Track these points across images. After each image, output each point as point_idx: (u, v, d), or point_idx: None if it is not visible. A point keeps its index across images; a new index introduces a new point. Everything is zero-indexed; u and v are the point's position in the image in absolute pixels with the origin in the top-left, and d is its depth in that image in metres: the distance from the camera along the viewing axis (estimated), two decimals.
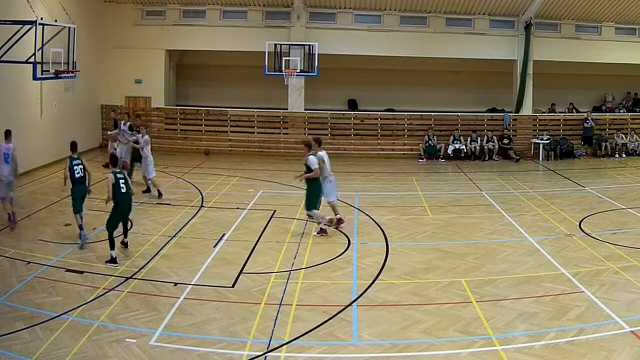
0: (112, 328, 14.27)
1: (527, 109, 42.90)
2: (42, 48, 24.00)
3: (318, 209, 22.69)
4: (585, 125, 42.18)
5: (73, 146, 21.67)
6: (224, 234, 22.12)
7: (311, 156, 22.26)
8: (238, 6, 41.81)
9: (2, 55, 23.91)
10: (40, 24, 23.81)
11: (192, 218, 24.35)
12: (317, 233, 22.41)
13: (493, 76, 44.12)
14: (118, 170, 19.83)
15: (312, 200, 22.60)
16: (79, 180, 21.32)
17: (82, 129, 39.48)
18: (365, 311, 15.80)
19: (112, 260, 19.09)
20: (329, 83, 42.72)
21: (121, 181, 19.55)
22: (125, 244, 19.96)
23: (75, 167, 21.19)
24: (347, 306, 15.96)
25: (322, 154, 23.19)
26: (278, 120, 42.42)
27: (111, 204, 19.47)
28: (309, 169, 22.42)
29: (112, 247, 19.25)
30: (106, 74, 41.81)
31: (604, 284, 17.38)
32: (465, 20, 42.32)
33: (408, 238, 22.41)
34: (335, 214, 23.51)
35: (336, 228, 23.14)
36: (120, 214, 19.65)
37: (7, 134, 22.63)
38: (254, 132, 42.18)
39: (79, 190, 21.34)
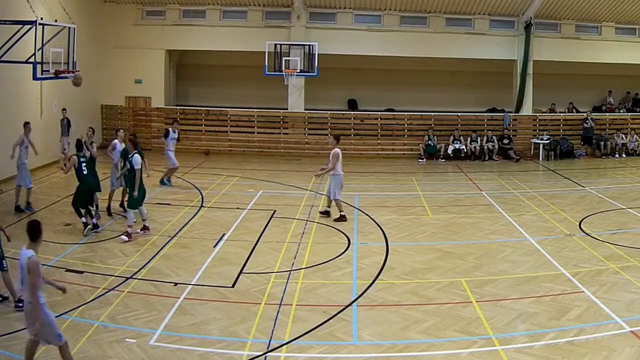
0: (112, 328, 14.28)
1: (527, 109, 42.92)
2: (42, 48, 24.01)
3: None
4: (585, 125, 42.16)
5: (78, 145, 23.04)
6: (224, 234, 22.13)
7: (135, 154, 22.05)
8: (238, 6, 41.83)
9: (2, 55, 23.92)
10: (40, 24, 23.83)
11: (192, 218, 24.36)
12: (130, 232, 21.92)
13: (493, 76, 44.13)
14: (81, 154, 22.36)
15: (136, 199, 21.98)
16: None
17: (83, 129, 39.36)
18: (365, 311, 15.81)
19: (85, 225, 21.99)
20: (329, 83, 42.74)
21: (83, 164, 22.33)
22: (94, 225, 22.31)
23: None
24: (347, 306, 15.97)
25: (338, 150, 24.67)
26: (278, 120, 42.42)
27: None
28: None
29: (79, 215, 22.25)
30: (106, 74, 41.78)
31: (604, 284, 17.39)
32: (465, 20, 42.34)
33: (408, 238, 22.41)
34: (340, 211, 24.60)
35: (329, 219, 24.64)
36: (82, 191, 22.34)
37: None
38: (254, 132, 42.18)
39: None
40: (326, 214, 25.02)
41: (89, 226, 22.06)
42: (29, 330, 11.93)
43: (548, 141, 41.56)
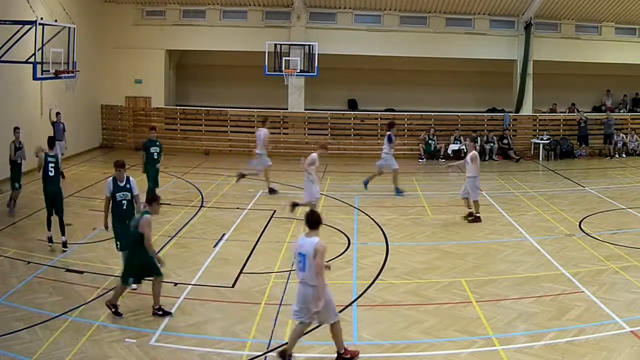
0: (112, 328, 14.30)
1: (527, 109, 42.89)
2: (42, 48, 24.00)
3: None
4: (581, 125, 42.08)
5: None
6: (224, 234, 22.12)
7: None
8: (238, 6, 41.83)
9: (2, 55, 23.91)
10: (40, 24, 23.81)
11: (192, 218, 24.35)
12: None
13: (493, 76, 44.06)
14: (52, 153, 21.05)
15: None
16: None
17: (83, 129, 39.53)
18: (365, 311, 15.84)
19: (49, 240, 20.57)
20: (329, 83, 42.75)
21: (50, 164, 20.79)
22: (64, 244, 20.39)
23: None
24: (347, 306, 15.96)
25: (477, 153, 25.65)
26: (278, 120, 42.37)
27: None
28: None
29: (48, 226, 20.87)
30: (106, 74, 41.85)
31: (604, 284, 17.41)
32: (465, 20, 42.32)
33: (408, 238, 22.43)
34: (475, 213, 24.86)
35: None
36: (46, 193, 20.86)
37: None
38: (254, 132, 42.08)
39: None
40: (470, 216, 24.94)
41: (53, 243, 20.49)
42: (304, 315, 12.74)
43: (548, 141, 41.53)
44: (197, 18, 42.19)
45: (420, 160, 40.49)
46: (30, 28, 23.90)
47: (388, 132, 30.20)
